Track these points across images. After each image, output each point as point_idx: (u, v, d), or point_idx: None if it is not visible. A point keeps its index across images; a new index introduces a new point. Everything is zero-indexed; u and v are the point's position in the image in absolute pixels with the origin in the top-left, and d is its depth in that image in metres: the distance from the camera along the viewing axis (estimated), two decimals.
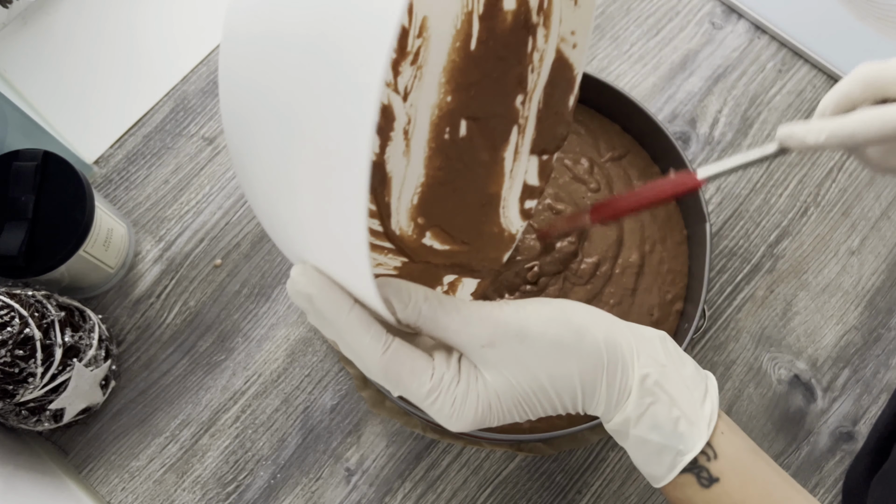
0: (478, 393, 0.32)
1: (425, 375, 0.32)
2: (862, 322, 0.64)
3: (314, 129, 0.26)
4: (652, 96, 0.70)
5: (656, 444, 0.34)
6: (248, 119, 0.30)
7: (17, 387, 0.51)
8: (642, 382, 0.34)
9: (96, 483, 0.59)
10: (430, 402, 0.32)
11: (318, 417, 0.60)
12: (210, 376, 0.61)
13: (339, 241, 0.28)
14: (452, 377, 0.32)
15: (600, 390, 0.34)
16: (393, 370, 0.32)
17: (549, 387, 0.33)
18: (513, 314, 0.33)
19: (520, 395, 0.33)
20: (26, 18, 0.72)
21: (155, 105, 0.69)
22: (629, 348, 0.34)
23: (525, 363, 0.33)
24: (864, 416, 0.61)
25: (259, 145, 0.29)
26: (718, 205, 0.67)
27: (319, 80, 0.26)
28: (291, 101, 0.27)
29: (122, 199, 0.66)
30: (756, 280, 0.65)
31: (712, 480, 0.34)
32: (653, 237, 0.59)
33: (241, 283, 0.64)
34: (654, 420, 0.34)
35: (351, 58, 0.25)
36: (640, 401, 0.34)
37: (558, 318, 0.34)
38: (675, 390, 0.34)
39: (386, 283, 0.32)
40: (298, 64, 0.27)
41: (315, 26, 0.26)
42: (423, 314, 0.32)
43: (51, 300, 0.54)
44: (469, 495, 0.59)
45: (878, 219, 0.66)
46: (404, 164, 0.45)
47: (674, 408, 0.33)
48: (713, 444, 0.34)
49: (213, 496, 0.59)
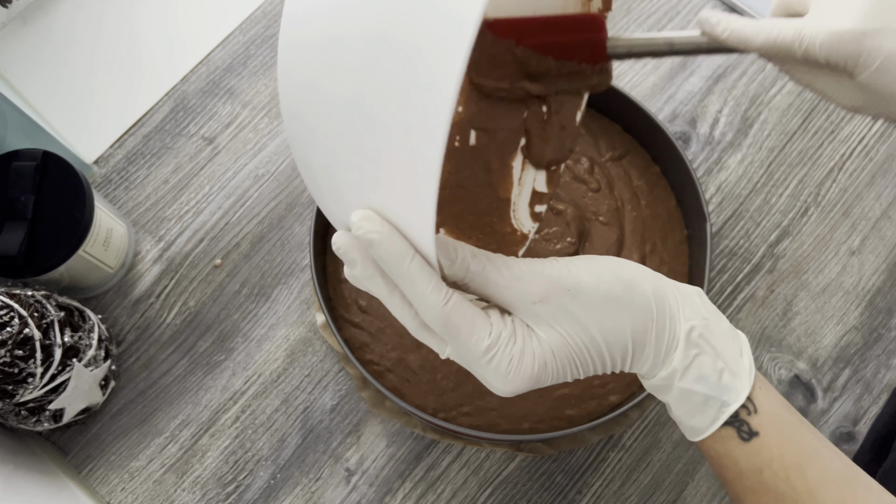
0: (534, 351, 0.32)
1: (484, 331, 0.32)
2: (862, 322, 0.64)
3: (398, 89, 0.28)
4: (652, 96, 0.70)
5: (702, 395, 0.34)
6: (319, 82, 0.30)
7: (17, 387, 0.51)
8: (688, 335, 0.34)
9: (96, 483, 0.59)
10: (486, 360, 0.32)
11: (318, 417, 0.60)
12: (210, 376, 0.61)
13: (414, 182, 0.28)
14: (510, 335, 0.32)
15: (650, 343, 0.34)
16: (453, 322, 0.31)
17: (602, 341, 0.33)
18: (564, 270, 0.33)
19: (574, 350, 0.33)
20: (26, 18, 0.72)
21: (155, 105, 0.69)
22: (675, 301, 0.34)
23: (578, 318, 0.33)
24: (864, 417, 0.61)
25: (331, 96, 0.30)
26: (718, 205, 0.67)
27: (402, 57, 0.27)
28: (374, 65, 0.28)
29: (121, 199, 0.66)
30: (756, 280, 0.65)
31: (752, 434, 0.34)
32: (653, 237, 0.59)
33: (241, 283, 0.64)
34: (700, 371, 0.34)
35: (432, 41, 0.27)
36: (687, 352, 0.34)
37: (609, 272, 0.34)
38: (719, 343, 0.34)
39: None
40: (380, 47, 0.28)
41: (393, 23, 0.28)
42: (472, 270, 0.32)
43: (50, 300, 0.54)
44: (469, 495, 0.59)
45: (879, 219, 0.66)
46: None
47: (718, 360, 0.34)
48: (753, 399, 0.34)
49: (212, 496, 0.59)
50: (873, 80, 0.38)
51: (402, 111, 0.28)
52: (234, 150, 0.68)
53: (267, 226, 0.66)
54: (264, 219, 0.66)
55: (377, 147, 0.29)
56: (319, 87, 0.30)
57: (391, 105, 0.28)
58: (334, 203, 0.34)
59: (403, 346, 0.57)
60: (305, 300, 0.63)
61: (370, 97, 0.29)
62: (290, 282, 0.64)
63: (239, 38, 0.72)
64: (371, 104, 0.29)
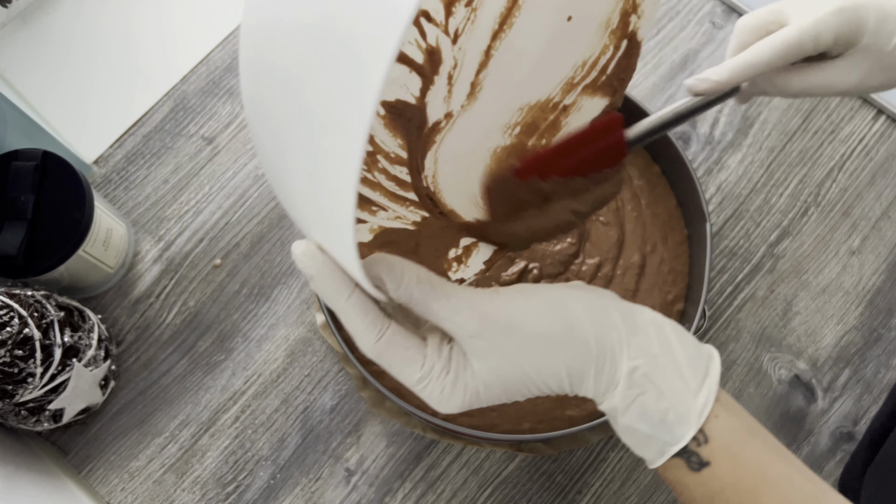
0: (466, 382, 0.33)
1: (416, 364, 0.33)
2: (862, 322, 0.64)
3: (318, 104, 0.27)
4: (652, 96, 0.70)
5: (643, 433, 0.34)
6: (263, 98, 0.30)
7: (17, 387, 0.51)
8: (630, 375, 0.34)
9: (96, 483, 0.59)
10: (419, 389, 0.33)
11: (318, 417, 0.60)
12: (210, 376, 0.61)
13: (331, 220, 0.28)
14: (443, 367, 0.33)
15: (587, 381, 0.34)
16: (385, 357, 0.33)
17: (536, 376, 0.34)
18: (502, 306, 0.33)
19: (507, 383, 0.33)
20: (26, 18, 0.72)
21: (154, 105, 0.69)
22: (619, 340, 0.34)
23: (512, 354, 0.33)
24: (864, 417, 0.61)
25: (271, 123, 0.30)
26: (719, 205, 0.67)
27: (326, 60, 0.26)
28: (299, 78, 0.27)
29: (121, 198, 0.66)
30: (756, 280, 0.65)
31: (703, 464, 0.34)
32: (654, 237, 0.59)
33: (241, 283, 0.64)
34: (642, 411, 0.34)
35: (360, 41, 0.25)
36: (627, 392, 0.34)
37: (547, 311, 0.34)
38: (666, 382, 0.34)
39: (380, 261, 0.33)
40: (309, 46, 0.27)
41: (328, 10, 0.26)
42: (415, 297, 0.32)
43: (50, 300, 0.54)
44: (469, 495, 0.59)
45: (879, 219, 0.66)
46: (443, 109, 0.44)
47: (662, 400, 0.33)
48: (705, 430, 0.34)
49: (212, 496, 0.59)
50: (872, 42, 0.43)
51: (326, 112, 0.27)
52: (234, 150, 0.68)
53: (267, 226, 0.66)
54: (264, 219, 0.66)
55: (310, 183, 0.29)
56: (265, 108, 0.30)
57: (312, 133, 0.27)
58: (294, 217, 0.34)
59: None
60: (305, 300, 0.63)
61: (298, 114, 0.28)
62: (290, 282, 0.64)
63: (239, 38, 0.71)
64: (297, 127, 0.28)
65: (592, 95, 0.45)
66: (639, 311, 0.35)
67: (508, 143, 0.46)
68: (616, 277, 0.58)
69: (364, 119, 0.24)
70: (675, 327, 0.35)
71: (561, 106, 0.46)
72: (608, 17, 0.43)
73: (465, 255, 0.45)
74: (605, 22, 0.43)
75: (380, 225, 0.41)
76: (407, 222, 0.43)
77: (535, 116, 0.46)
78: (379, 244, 0.40)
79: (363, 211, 0.40)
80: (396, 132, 0.43)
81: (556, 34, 0.43)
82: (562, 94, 0.45)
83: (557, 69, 0.45)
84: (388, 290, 0.32)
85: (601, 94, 0.45)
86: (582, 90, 0.45)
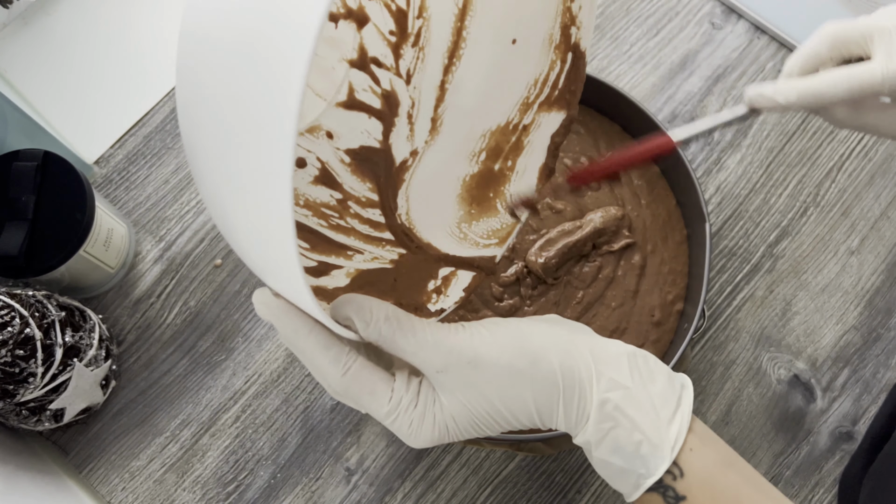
0: (434, 416, 0.33)
1: (384, 398, 0.33)
2: (861, 322, 0.64)
3: (244, 144, 0.27)
4: (652, 96, 0.70)
5: (618, 467, 0.34)
6: (195, 143, 0.30)
7: (18, 387, 0.51)
8: (601, 407, 0.33)
9: (97, 483, 0.59)
10: (389, 423, 0.33)
11: (319, 417, 0.60)
12: (210, 376, 0.61)
13: (279, 266, 0.28)
14: (410, 400, 0.33)
15: (557, 413, 0.34)
16: (352, 392, 0.33)
17: (504, 409, 0.34)
18: (467, 340, 0.33)
19: (475, 417, 0.34)
20: (27, 18, 0.72)
21: (155, 105, 0.69)
22: (588, 373, 0.34)
23: (479, 388, 0.33)
24: (863, 416, 0.61)
25: (207, 179, 0.30)
26: (718, 205, 0.67)
27: (248, 96, 0.26)
28: (225, 113, 0.27)
29: (122, 199, 0.66)
30: (756, 280, 0.65)
31: (679, 499, 0.34)
32: (654, 237, 0.60)
33: (242, 283, 0.64)
34: (615, 444, 0.33)
35: (274, 68, 0.25)
36: (600, 426, 0.33)
37: (512, 344, 0.34)
38: (638, 414, 0.33)
39: (349, 301, 0.33)
40: (230, 78, 0.27)
41: (245, 32, 0.26)
42: (383, 334, 0.33)
43: (51, 300, 0.54)
44: (469, 495, 0.59)
45: (878, 219, 0.67)
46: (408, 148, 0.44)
47: (635, 432, 0.33)
48: (679, 463, 0.33)
49: (213, 496, 0.59)
50: None
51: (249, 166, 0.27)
52: None
53: None
54: None
55: (253, 236, 0.29)
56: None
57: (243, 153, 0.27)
58: (247, 263, 0.34)
59: None
60: None
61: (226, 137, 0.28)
62: None
63: None
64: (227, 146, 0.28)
65: (549, 111, 0.46)
66: (610, 343, 0.35)
67: (476, 170, 0.47)
68: (617, 278, 0.58)
69: (286, 161, 0.24)
70: (648, 358, 0.35)
71: (521, 126, 0.46)
72: (550, 34, 0.44)
73: (444, 285, 0.46)
74: (548, 38, 0.44)
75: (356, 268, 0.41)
76: (384, 262, 0.43)
77: (497, 140, 0.47)
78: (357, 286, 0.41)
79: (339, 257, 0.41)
80: (365, 177, 0.43)
81: (505, 58, 0.44)
82: (520, 115, 0.46)
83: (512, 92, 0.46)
84: (357, 329, 0.33)
85: (557, 108, 0.46)
86: (538, 108, 0.46)
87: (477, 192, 0.48)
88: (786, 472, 0.60)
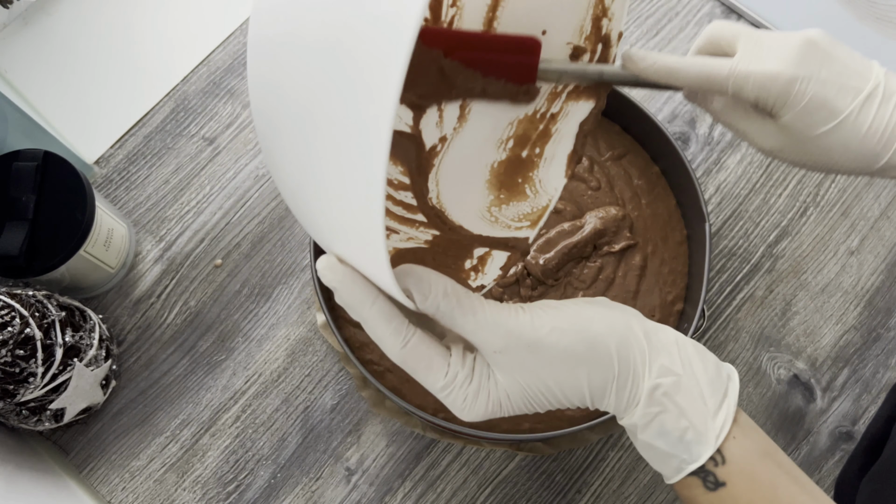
0: (489, 392, 0.34)
1: (440, 372, 0.34)
2: (861, 322, 0.64)
3: (336, 124, 0.27)
4: (651, 96, 0.70)
5: (662, 450, 0.35)
6: (277, 116, 0.30)
7: (18, 386, 0.51)
8: (651, 393, 0.34)
9: (97, 483, 0.59)
10: (443, 396, 0.34)
11: (319, 417, 0.60)
12: (210, 376, 0.61)
13: (358, 233, 0.29)
14: (466, 376, 0.34)
15: (609, 396, 0.35)
16: (410, 363, 0.33)
17: (558, 391, 0.34)
18: (527, 324, 0.34)
19: (529, 396, 0.34)
20: (27, 19, 0.72)
21: (155, 105, 0.69)
22: (642, 359, 0.35)
23: (535, 371, 0.34)
24: (863, 416, 0.61)
25: (287, 140, 0.30)
26: (718, 205, 0.67)
27: (338, 79, 0.27)
28: (316, 98, 0.28)
29: (122, 199, 0.66)
30: (755, 280, 0.65)
31: (718, 485, 0.34)
32: (654, 237, 0.60)
33: (242, 283, 0.64)
34: (661, 428, 0.34)
35: (370, 61, 0.26)
36: (647, 410, 0.34)
37: (572, 329, 0.34)
38: (686, 401, 0.34)
39: (409, 273, 0.33)
40: (322, 65, 0.27)
41: (336, 29, 0.27)
42: (441, 310, 0.33)
43: (51, 300, 0.54)
44: (469, 495, 0.59)
45: (878, 219, 0.67)
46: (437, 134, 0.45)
47: (682, 419, 0.34)
48: (722, 450, 0.34)
49: (213, 496, 0.59)
50: (794, 122, 0.40)
51: (342, 149, 0.27)
52: (235, 151, 0.68)
53: (267, 226, 0.66)
54: (265, 219, 0.66)
55: (329, 191, 0.29)
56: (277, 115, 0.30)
57: (333, 138, 0.28)
58: (316, 239, 0.35)
59: None
60: (306, 300, 0.64)
61: (315, 124, 0.28)
62: (291, 282, 0.64)
63: (239, 39, 0.72)
64: (317, 134, 0.28)
65: (577, 100, 0.46)
66: (662, 330, 0.36)
67: (504, 157, 0.47)
68: (618, 279, 0.58)
69: (385, 127, 0.25)
70: (698, 347, 0.36)
71: (549, 114, 0.47)
72: (581, 25, 0.45)
73: (480, 263, 0.46)
74: (579, 29, 0.45)
75: (394, 247, 0.42)
76: (419, 242, 0.44)
77: (525, 128, 0.47)
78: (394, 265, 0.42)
79: None
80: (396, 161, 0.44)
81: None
82: (548, 104, 0.47)
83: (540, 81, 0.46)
84: (415, 300, 0.33)
85: (585, 97, 0.46)
86: (567, 97, 0.46)
87: (505, 178, 0.48)
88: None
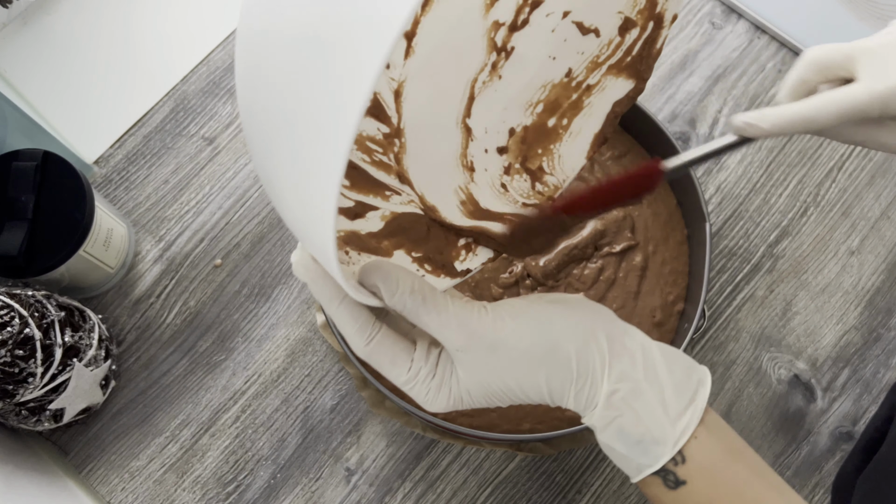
0: (450, 388, 0.35)
1: (404, 367, 0.35)
2: (862, 322, 0.64)
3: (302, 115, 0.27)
4: (652, 96, 0.70)
5: (620, 452, 0.35)
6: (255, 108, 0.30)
7: (17, 387, 0.51)
8: (609, 398, 0.35)
9: (96, 483, 0.59)
10: (407, 389, 0.36)
11: (318, 417, 0.60)
12: (210, 376, 0.61)
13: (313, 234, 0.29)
14: (429, 371, 0.35)
15: (568, 397, 0.36)
16: (374, 359, 0.35)
17: (518, 390, 0.35)
18: (489, 325, 0.34)
19: (490, 392, 0.35)
20: (26, 18, 0.72)
21: (155, 105, 0.69)
22: (601, 364, 0.35)
23: (495, 369, 0.35)
24: (863, 416, 0.61)
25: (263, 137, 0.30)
26: (718, 205, 0.67)
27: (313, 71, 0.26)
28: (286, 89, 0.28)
29: (122, 199, 0.66)
30: (756, 280, 0.65)
31: (679, 483, 0.35)
32: (655, 236, 0.59)
33: (241, 283, 0.64)
34: (619, 431, 0.35)
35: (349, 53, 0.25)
36: (605, 413, 0.35)
37: (533, 330, 0.35)
38: (644, 407, 0.34)
39: (377, 268, 0.34)
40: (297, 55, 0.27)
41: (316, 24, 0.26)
42: (408, 307, 0.34)
43: (51, 300, 0.54)
44: (469, 495, 0.59)
45: (878, 219, 0.66)
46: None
47: (639, 424, 0.34)
48: (683, 451, 0.34)
49: (213, 496, 0.59)
50: None
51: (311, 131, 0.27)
52: (235, 150, 0.68)
53: (267, 226, 0.66)
54: (265, 219, 0.66)
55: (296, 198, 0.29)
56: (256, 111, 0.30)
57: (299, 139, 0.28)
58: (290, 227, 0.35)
59: None
60: (306, 300, 0.63)
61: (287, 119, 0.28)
62: (291, 282, 0.64)
63: None
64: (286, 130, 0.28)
65: (617, 76, 0.45)
66: (629, 333, 0.36)
67: (530, 122, 0.47)
68: (618, 280, 0.58)
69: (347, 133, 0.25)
70: (666, 351, 0.36)
71: (585, 85, 0.46)
72: None
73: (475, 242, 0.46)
74: (633, 2, 0.43)
75: (392, 211, 0.41)
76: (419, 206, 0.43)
77: (558, 94, 0.46)
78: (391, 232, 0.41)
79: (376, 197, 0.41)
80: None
81: (583, 14, 0.43)
82: (586, 73, 0.45)
83: (584, 44, 0.45)
84: (383, 297, 0.34)
85: (626, 75, 0.45)
86: (607, 70, 0.45)
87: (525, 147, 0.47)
88: (786, 472, 0.60)
